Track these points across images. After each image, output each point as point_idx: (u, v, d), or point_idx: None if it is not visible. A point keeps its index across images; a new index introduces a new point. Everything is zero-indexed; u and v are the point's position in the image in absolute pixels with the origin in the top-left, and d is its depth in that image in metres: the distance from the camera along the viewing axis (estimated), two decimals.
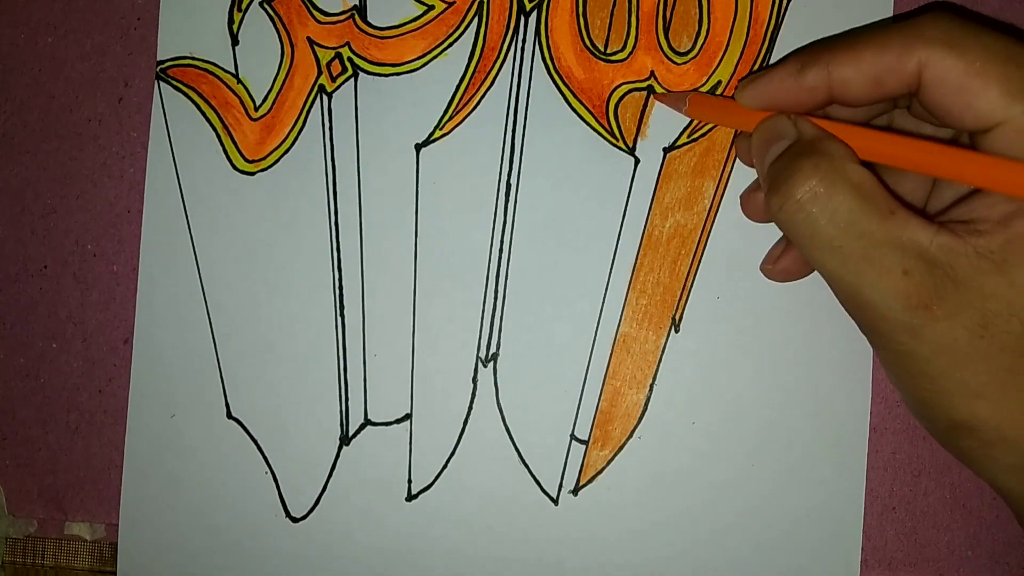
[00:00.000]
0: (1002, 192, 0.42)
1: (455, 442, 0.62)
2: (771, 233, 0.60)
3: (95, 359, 0.64)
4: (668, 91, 0.61)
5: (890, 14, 0.61)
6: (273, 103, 0.63)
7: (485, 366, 0.62)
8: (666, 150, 0.61)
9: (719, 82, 0.61)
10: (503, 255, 0.61)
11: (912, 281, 0.42)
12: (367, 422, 0.62)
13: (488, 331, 0.62)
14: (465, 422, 0.62)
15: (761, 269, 0.60)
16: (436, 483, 0.62)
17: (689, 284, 0.61)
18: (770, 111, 0.51)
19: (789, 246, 0.57)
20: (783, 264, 0.57)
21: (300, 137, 0.62)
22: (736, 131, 0.61)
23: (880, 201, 0.44)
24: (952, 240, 0.42)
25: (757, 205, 0.58)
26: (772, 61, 0.61)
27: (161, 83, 0.63)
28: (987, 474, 0.47)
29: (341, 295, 0.62)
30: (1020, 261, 0.41)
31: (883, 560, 0.62)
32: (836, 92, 0.47)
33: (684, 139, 0.61)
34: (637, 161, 0.61)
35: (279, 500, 0.62)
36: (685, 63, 0.61)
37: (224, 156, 0.63)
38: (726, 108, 0.56)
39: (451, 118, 0.62)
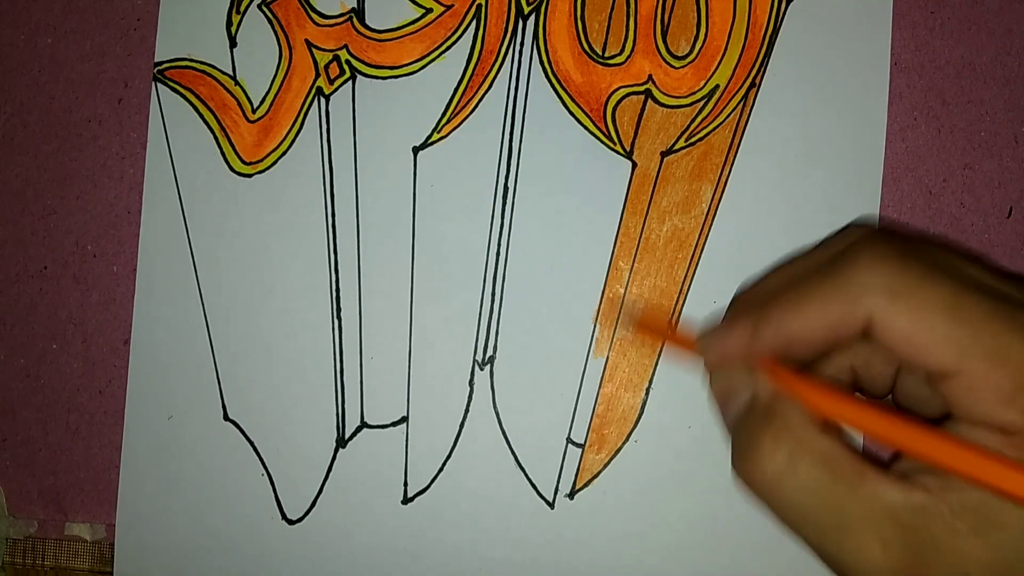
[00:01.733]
0: (968, 481, 0.41)
1: (451, 445, 0.62)
2: (768, 238, 0.60)
3: (95, 360, 0.64)
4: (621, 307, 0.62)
5: (889, 15, 0.61)
6: (271, 105, 0.63)
7: (482, 369, 0.62)
8: (664, 154, 0.61)
9: (716, 87, 0.61)
10: (500, 258, 0.61)
11: (891, 553, 0.41)
12: (363, 425, 0.62)
13: (485, 334, 0.62)
14: (461, 425, 0.62)
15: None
16: (432, 486, 0.62)
17: (686, 288, 0.61)
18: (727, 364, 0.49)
19: None
20: None
21: (297, 139, 0.62)
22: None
23: (847, 466, 0.42)
24: (925, 499, 0.41)
25: None
26: (770, 65, 0.61)
27: (159, 84, 0.63)
28: None
29: (338, 298, 0.62)
30: (995, 521, 0.40)
31: None
32: (795, 346, 0.46)
33: (682, 143, 0.61)
34: (634, 165, 0.61)
35: (275, 502, 0.62)
36: (683, 67, 0.61)
37: (221, 158, 0.63)
38: (679, 341, 0.54)
39: (449, 121, 0.62)
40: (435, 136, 0.62)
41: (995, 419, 0.40)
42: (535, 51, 0.62)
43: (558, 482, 0.62)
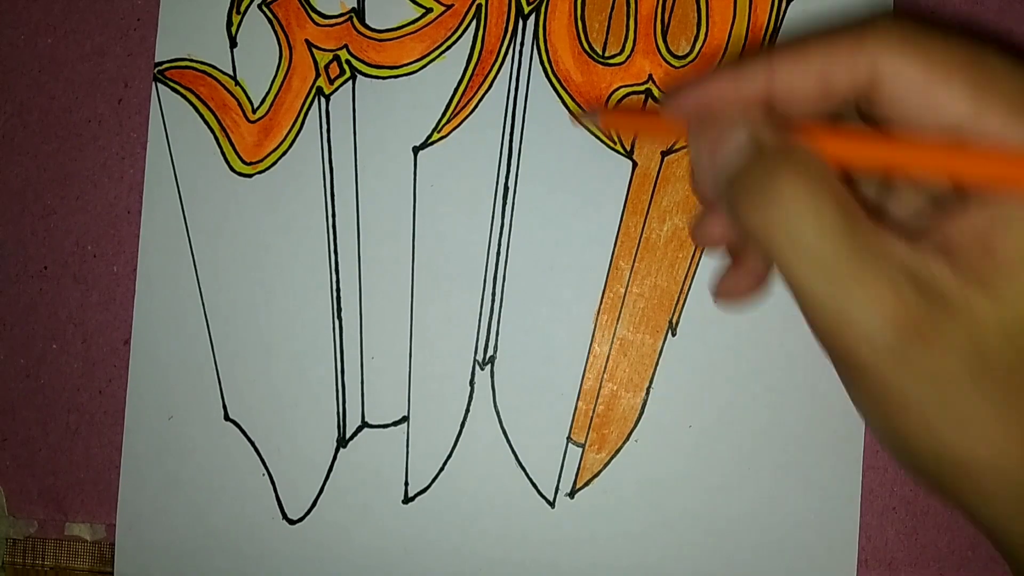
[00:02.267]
0: (1001, 191, 0.39)
1: (452, 445, 0.62)
2: None
3: (95, 360, 0.64)
4: (583, 110, 0.61)
5: (890, 14, 0.61)
6: (271, 105, 0.63)
7: (482, 369, 0.62)
8: (664, 154, 0.61)
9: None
10: (501, 258, 0.62)
11: (904, 304, 0.38)
12: (364, 424, 0.62)
13: (485, 334, 0.62)
14: (462, 425, 0.62)
15: (714, 292, 0.54)
16: (433, 485, 0.62)
17: (686, 288, 0.61)
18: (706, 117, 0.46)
19: (745, 265, 0.52)
20: (735, 287, 0.53)
21: (298, 139, 0.62)
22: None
23: (863, 217, 0.40)
24: (942, 263, 0.39)
25: (711, 234, 0.53)
26: None
27: (159, 84, 0.63)
28: (986, 520, 0.42)
29: (338, 297, 0.62)
30: (1008, 284, 0.38)
31: (883, 560, 0.62)
32: (778, 97, 0.44)
33: (682, 143, 0.61)
34: (635, 164, 0.61)
35: (276, 502, 0.62)
36: (683, 66, 0.61)
37: (222, 158, 0.63)
38: (648, 118, 0.53)
39: (449, 121, 0.62)
40: (435, 136, 0.62)
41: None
42: (535, 51, 0.62)
43: (558, 481, 0.62)
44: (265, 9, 0.63)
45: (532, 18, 0.62)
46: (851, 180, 0.46)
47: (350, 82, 0.62)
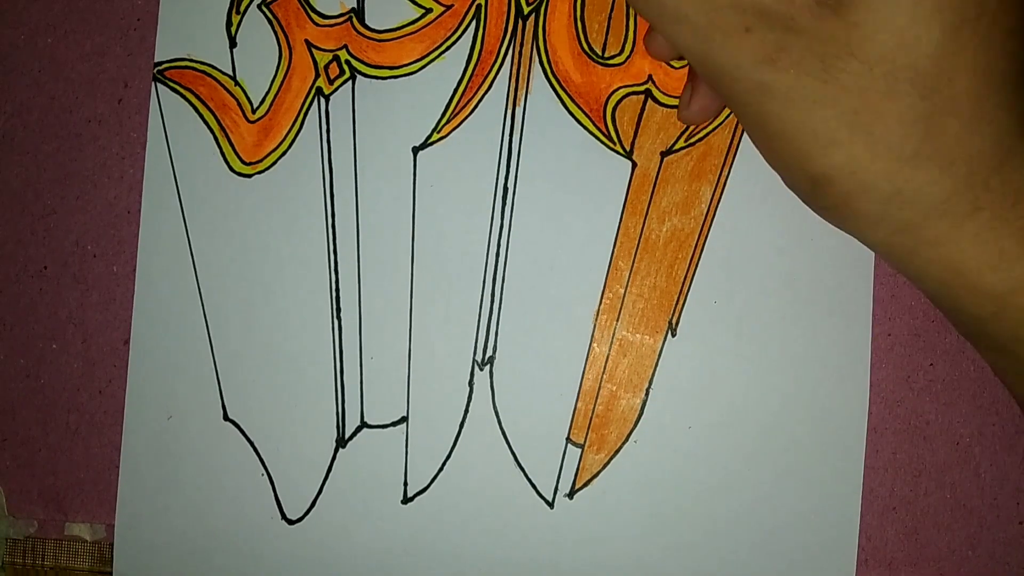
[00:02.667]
0: None
1: (451, 445, 0.62)
2: (769, 236, 0.60)
3: (95, 360, 0.64)
4: None
5: None
6: (271, 105, 0.63)
7: (481, 369, 0.62)
8: (663, 154, 0.61)
9: None
10: (500, 258, 0.62)
11: (755, 37, 0.42)
12: (363, 424, 0.62)
13: (484, 334, 0.62)
14: (461, 425, 0.62)
15: (678, 117, 0.58)
16: (432, 486, 0.62)
17: (686, 288, 0.61)
18: None
19: (697, 84, 0.55)
20: (696, 105, 0.55)
21: (297, 139, 0.62)
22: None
23: None
24: None
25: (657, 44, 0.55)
26: None
27: (159, 84, 0.63)
28: (858, 230, 0.47)
29: (338, 298, 0.62)
30: (851, 2, 0.41)
31: (883, 560, 0.62)
32: None
33: (682, 143, 0.61)
34: (634, 165, 0.61)
35: (275, 502, 0.63)
36: (683, 67, 0.61)
37: (221, 158, 0.63)
38: None
39: (448, 121, 0.62)
40: (435, 136, 0.62)
41: None
42: (535, 51, 0.62)
43: (557, 482, 0.62)
44: (265, 9, 0.63)
45: (532, 18, 0.62)
46: None
47: (350, 82, 0.62)
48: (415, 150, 0.62)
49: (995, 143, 0.43)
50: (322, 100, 0.62)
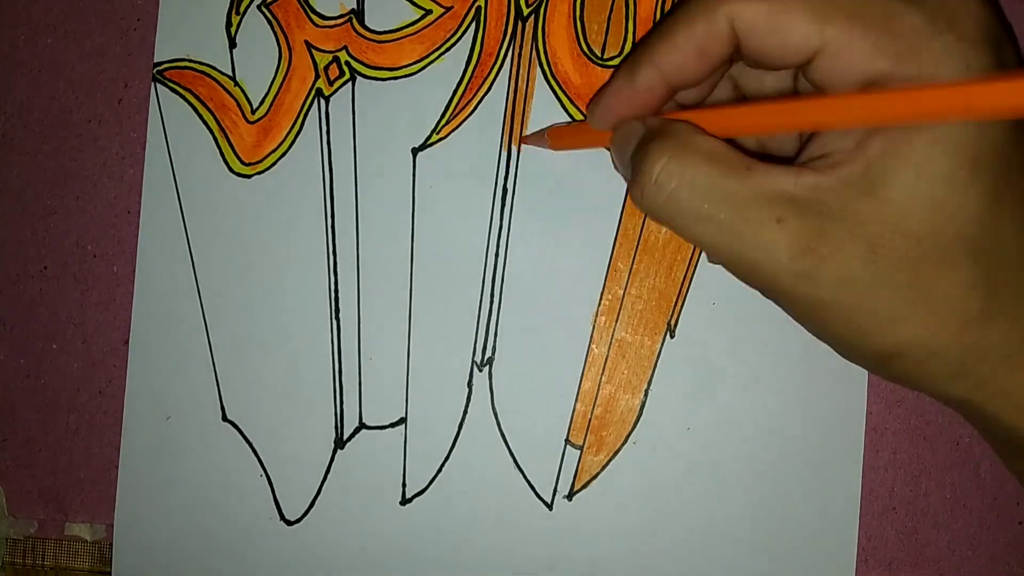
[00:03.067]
0: (836, 128, 0.43)
1: (450, 446, 0.62)
2: None
3: (95, 360, 0.64)
4: (530, 134, 0.62)
5: None
6: (270, 106, 0.63)
7: (480, 370, 0.62)
8: None
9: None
10: (499, 259, 0.62)
11: (788, 228, 0.42)
12: (362, 426, 0.62)
13: (484, 335, 0.62)
14: (460, 426, 0.62)
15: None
16: (430, 487, 0.62)
17: (685, 289, 0.61)
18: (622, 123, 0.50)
19: None
20: None
21: (297, 140, 0.62)
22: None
23: (734, 161, 0.43)
24: (814, 177, 0.42)
25: None
26: None
27: (158, 85, 0.63)
28: (933, 391, 0.47)
29: (337, 298, 0.62)
30: (884, 179, 0.41)
31: (883, 560, 0.62)
32: (672, 81, 0.47)
33: None
34: None
35: (274, 503, 0.62)
36: None
37: (221, 159, 0.63)
38: (585, 132, 0.55)
39: (448, 122, 0.62)
40: (434, 137, 0.62)
41: (867, 75, 0.41)
42: (534, 53, 0.62)
43: (556, 483, 0.62)
44: (264, 10, 0.63)
45: (531, 20, 0.62)
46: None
47: (349, 83, 0.62)
48: (415, 151, 0.62)
49: None
50: (322, 101, 0.62)
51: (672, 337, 0.62)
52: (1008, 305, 0.43)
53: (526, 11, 0.62)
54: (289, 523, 0.63)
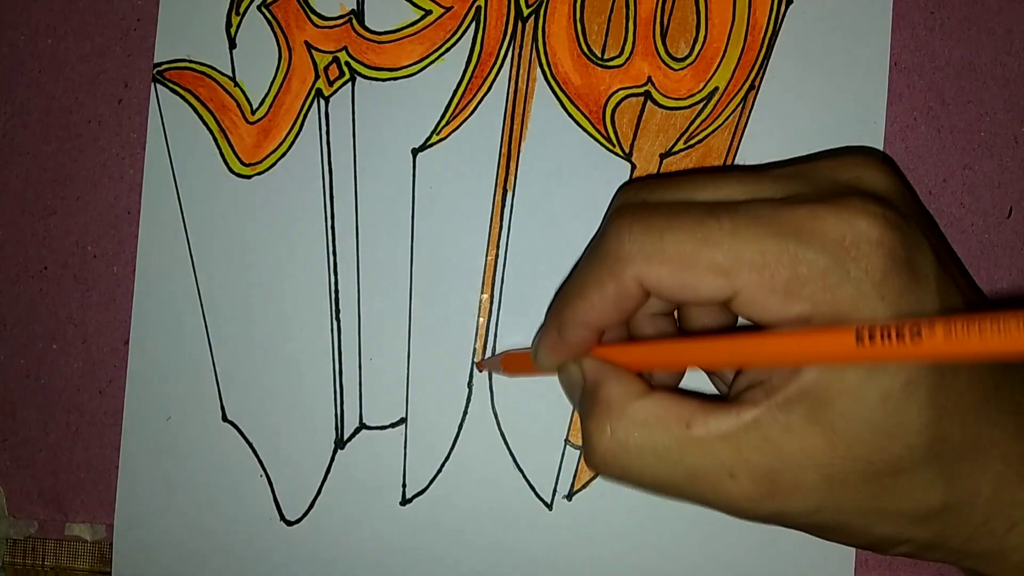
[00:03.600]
0: (756, 366, 0.44)
1: (450, 446, 0.62)
2: None
3: (95, 360, 0.64)
4: (483, 360, 0.63)
5: (888, 17, 0.61)
6: (270, 107, 0.63)
7: (480, 371, 0.62)
8: (663, 156, 0.61)
9: (715, 89, 0.61)
10: (499, 260, 0.61)
11: (740, 481, 0.42)
12: (362, 426, 0.62)
13: (484, 335, 0.62)
14: (460, 427, 0.62)
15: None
16: (431, 487, 0.62)
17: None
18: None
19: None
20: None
21: (297, 141, 0.62)
22: None
23: (672, 418, 0.44)
24: (755, 413, 0.42)
25: None
26: (769, 68, 0.61)
27: (158, 86, 0.63)
28: (940, 559, 0.48)
29: (337, 299, 0.62)
30: (823, 406, 0.41)
31: (884, 559, 0.62)
32: (599, 329, 0.48)
33: (681, 145, 0.61)
34: (634, 167, 0.61)
35: (274, 503, 0.62)
36: (682, 69, 0.61)
37: (221, 159, 0.63)
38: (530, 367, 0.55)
39: (448, 123, 0.62)
40: (434, 138, 0.62)
41: (788, 317, 0.42)
42: (534, 53, 0.62)
43: (556, 483, 0.62)
44: (264, 10, 0.63)
45: (531, 20, 0.62)
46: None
47: (349, 84, 0.62)
48: (415, 152, 0.62)
49: (1001, 472, 0.44)
50: (322, 101, 0.62)
51: None
52: (970, 486, 0.44)
53: (526, 11, 0.62)
54: (289, 523, 0.63)
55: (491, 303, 0.62)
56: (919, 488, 0.43)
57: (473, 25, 0.62)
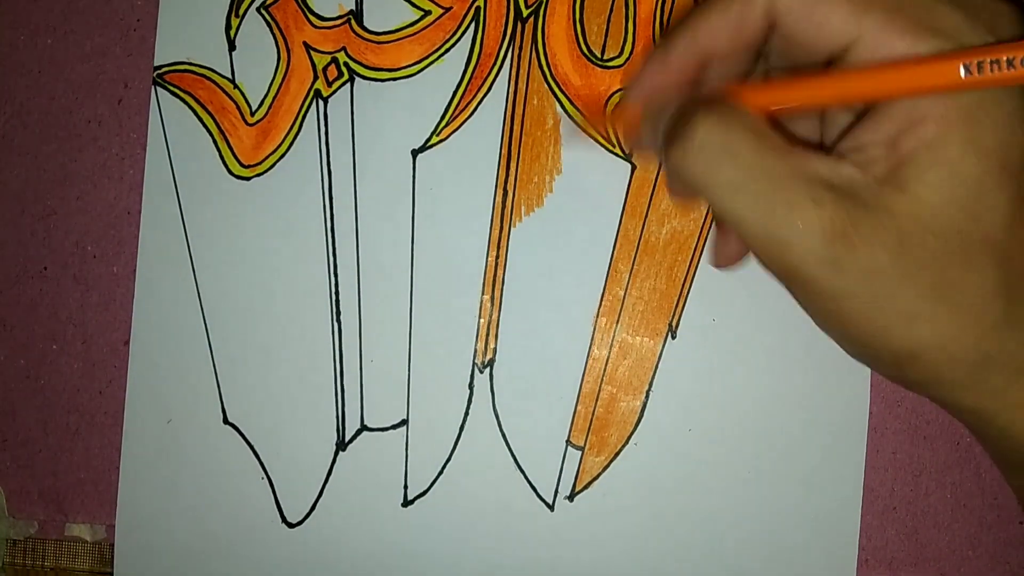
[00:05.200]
0: (888, 98, 0.42)
1: (451, 448, 0.62)
2: None
3: (95, 360, 0.64)
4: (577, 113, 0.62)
5: None
6: (269, 108, 0.63)
7: (481, 372, 0.62)
8: None
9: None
10: (499, 261, 0.61)
11: (824, 211, 0.41)
12: (363, 428, 0.62)
13: (484, 337, 0.62)
14: (461, 428, 0.62)
15: (712, 263, 0.57)
16: (432, 489, 0.62)
17: (686, 291, 0.61)
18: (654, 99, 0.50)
19: (726, 232, 0.55)
20: (728, 252, 0.55)
21: (296, 142, 0.62)
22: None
23: (776, 139, 0.43)
24: (852, 171, 0.42)
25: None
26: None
27: (158, 88, 0.63)
28: (944, 398, 0.46)
29: (337, 300, 0.62)
30: (916, 176, 0.41)
31: (884, 560, 0.62)
32: (706, 56, 0.47)
33: None
34: (634, 167, 0.61)
35: (275, 505, 0.63)
36: None
37: (220, 161, 0.63)
38: (622, 112, 0.55)
39: (448, 124, 0.62)
40: (434, 139, 0.62)
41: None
42: (534, 54, 0.62)
43: (558, 484, 0.62)
44: (263, 12, 0.63)
45: (531, 21, 0.62)
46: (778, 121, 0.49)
47: (348, 85, 0.62)
48: (414, 153, 0.62)
49: None
50: (321, 102, 0.62)
51: (673, 338, 0.62)
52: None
53: (525, 12, 0.62)
54: (291, 525, 0.63)
55: (492, 304, 0.62)
56: (981, 290, 0.42)
57: (472, 25, 0.62)
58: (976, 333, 0.43)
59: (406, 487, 0.62)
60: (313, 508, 0.62)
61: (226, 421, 0.63)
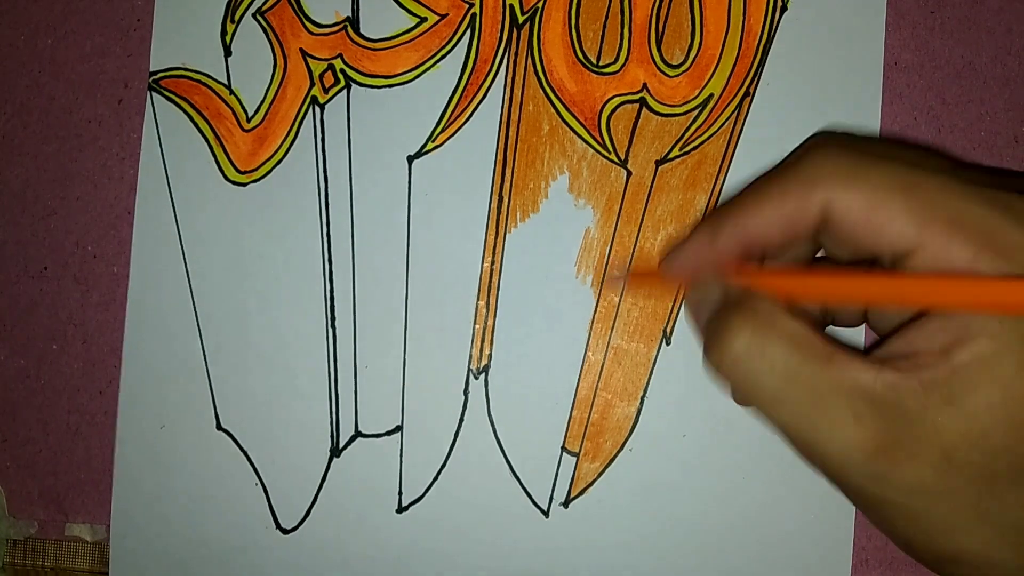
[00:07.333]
0: (945, 310, 0.41)
1: (446, 454, 0.62)
2: None
3: (95, 360, 0.64)
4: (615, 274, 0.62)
5: (882, 24, 0.61)
6: (265, 114, 0.63)
7: (476, 378, 0.62)
8: (658, 163, 0.61)
9: (711, 96, 0.61)
10: (495, 267, 0.61)
11: (865, 427, 0.41)
12: (358, 434, 0.62)
13: (479, 343, 0.62)
14: (456, 434, 0.62)
15: None
16: (427, 495, 0.62)
17: (680, 297, 0.61)
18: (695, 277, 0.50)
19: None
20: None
21: (292, 148, 0.62)
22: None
23: (817, 347, 0.42)
24: (896, 377, 0.41)
25: None
26: (764, 74, 0.61)
27: (154, 94, 0.63)
28: None
29: (332, 306, 0.62)
30: (968, 391, 0.40)
31: (883, 560, 0.62)
32: (751, 247, 0.47)
33: (676, 152, 0.61)
34: (629, 173, 0.61)
35: (269, 512, 0.63)
36: (677, 75, 0.61)
37: (216, 167, 0.63)
38: (659, 281, 0.55)
39: (443, 130, 0.62)
40: (430, 145, 0.62)
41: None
42: (529, 60, 0.62)
43: (553, 491, 0.62)
44: (259, 18, 0.62)
45: (526, 27, 0.62)
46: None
47: (344, 91, 0.62)
48: (410, 159, 0.62)
49: None
50: (317, 109, 0.62)
51: (668, 344, 0.62)
52: None
53: (521, 18, 0.62)
54: (285, 532, 0.63)
55: (487, 310, 0.62)
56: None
57: (468, 32, 0.62)
58: (1018, 544, 0.43)
59: (400, 493, 0.62)
60: (307, 514, 0.63)
61: (219, 427, 0.63)
